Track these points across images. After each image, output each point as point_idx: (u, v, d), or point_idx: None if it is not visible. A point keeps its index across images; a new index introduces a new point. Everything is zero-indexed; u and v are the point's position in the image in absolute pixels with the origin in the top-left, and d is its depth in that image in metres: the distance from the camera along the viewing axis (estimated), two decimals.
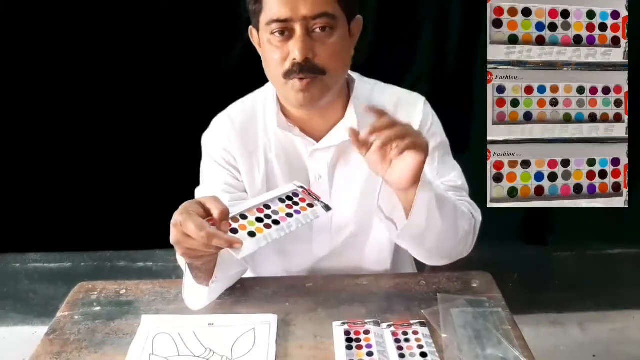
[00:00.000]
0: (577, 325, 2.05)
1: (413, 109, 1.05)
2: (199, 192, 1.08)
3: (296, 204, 0.90)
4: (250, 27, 0.97)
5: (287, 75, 0.91)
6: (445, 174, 1.07)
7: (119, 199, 1.78)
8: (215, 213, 0.79)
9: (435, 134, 1.06)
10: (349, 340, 0.89)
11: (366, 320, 0.92)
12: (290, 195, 0.91)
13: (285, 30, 0.88)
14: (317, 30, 0.88)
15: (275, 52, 0.90)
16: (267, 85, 1.05)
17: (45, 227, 1.82)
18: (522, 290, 1.97)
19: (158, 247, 1.87)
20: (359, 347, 0.88)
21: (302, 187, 0.93)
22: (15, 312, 2.03)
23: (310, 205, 0.90)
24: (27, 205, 1.80)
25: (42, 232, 1.83)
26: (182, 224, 0.77)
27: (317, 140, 1.02)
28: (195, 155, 1.12)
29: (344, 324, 0.92)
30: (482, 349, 0.88)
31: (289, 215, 0.88)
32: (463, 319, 0.94)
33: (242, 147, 1.03)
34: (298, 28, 0.87)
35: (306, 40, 0.88)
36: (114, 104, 1.70)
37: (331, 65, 0.91)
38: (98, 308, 1.00)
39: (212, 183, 1.06)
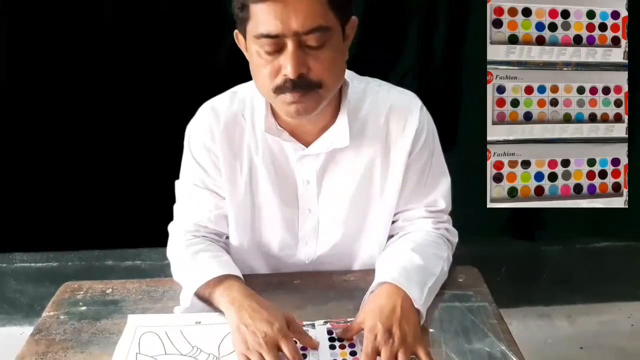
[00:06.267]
0: (565, 318, 2.06)
1: (408, 116, 0.99)
2: (179, 187, 1.06)
3: None
4: (236, 31, 0.91)
5: (278, 90, 0.85)
6: (430, 193, 1.05)
7: (106, 197, 1.76)
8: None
9: (428, 146, 1.02)
10: (332, 339, 0.88)
11: (349, 319, 0.91)
12: None
13: (275, 44, 0.82)
14: (311, 43, 0.82)
15: (264, 66, 0.84)
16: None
17: (31, 227, 1.79)
18: (511, 284, 1.97)
19: (146, 245, 1.85)
20: (342, 347, 0.87)
21: None
22: (2, 312, 2.00)
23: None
24: (13, 204, 1.78)
25: (28, 232, 1.80)
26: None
27: (307, 144, 0.97)
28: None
29: (326, 322, 0.91)
30: (469, 343, 0.88)
31: None
32: (449, 314, 0.94)
33: (227, 147, 0.99)
34: (290, 43, 0.81)
35: (299, 55, 0.82)
36: (102, 103, 1.68)
37: (327, 78, 0.86)
38: (84, 308, 0.99)
39: (193, 184, 1.03)
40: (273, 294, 0.99)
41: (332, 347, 0.87)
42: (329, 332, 0.89)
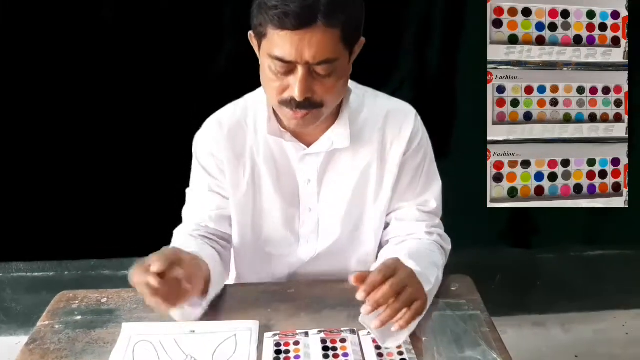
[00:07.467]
0: (559, 326, 2.05)
1: (403, 121, 1.04)
2: (189, 193, 1.10)
3: None
4: (251, 32, 0.94)
5: (283, 104, 0.91)
6: (423, 193, 1.08)
7: (103, 207, 1.76)
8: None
9: (422, 148, 1.06)
10: (325, 349, 0.87)
11: (343, 329, 0.91)
12: None
13: (287, 66, 0.87)
14: (319, 72, 0.88)
15: (274, 80, 0.90)
16: (260, 90, 1.03)
17: (28, 236, 1.79)
18: (506, 292, 1.97)
19: (143, 254, 1.85)
20: (336, 357, 0.86)
21: None
22: None
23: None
24: (10, 213, 1.77)
25: (25, 241, 1.80)
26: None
27: (308, 144, 1.02)
28: (182, 163, 1.10)
29: (320, 332, 0.90)
30: (461, 351, 0.87)
31: None
32: (442, 322, 0.94)
33: (230, 150, 1.03)
34: (300, 69, 0.86)
35: (307, 81, 0.87)
36: (102, 112, 1.67)
37: (329, 100, 0.91)
38: (79, 317, 0.98)
39: (199, 188, 1.08)
40: (267, 303, 0.99)
41: (326, 357, 0.87)
42: (323, 341, 0.90)
